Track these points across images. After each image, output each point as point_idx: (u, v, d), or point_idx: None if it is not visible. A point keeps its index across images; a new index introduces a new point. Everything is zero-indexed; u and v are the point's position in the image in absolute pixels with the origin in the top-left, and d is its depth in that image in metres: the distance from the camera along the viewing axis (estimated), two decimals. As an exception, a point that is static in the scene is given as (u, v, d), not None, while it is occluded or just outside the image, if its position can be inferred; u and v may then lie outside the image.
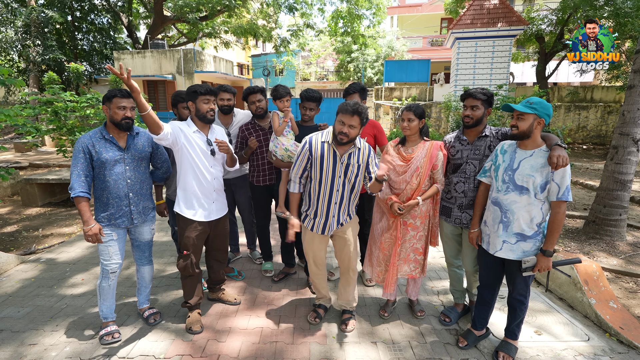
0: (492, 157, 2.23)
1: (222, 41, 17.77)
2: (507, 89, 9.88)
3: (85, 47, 17.05)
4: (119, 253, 2.43)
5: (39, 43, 14.04)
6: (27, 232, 4.85)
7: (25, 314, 2.76)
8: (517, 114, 2.01)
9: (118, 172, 2.33)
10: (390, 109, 14.61)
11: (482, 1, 12.25)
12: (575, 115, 12.97)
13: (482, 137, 2.39)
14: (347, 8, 15.60)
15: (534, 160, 2.02)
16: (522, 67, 19.40)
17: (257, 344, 2.42)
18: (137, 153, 2.42)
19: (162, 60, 14.91)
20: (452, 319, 2.67)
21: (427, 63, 15.89)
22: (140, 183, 2.45)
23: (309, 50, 26.29)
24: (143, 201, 2.48)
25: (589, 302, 2.76)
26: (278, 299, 3.01)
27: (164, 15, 15.38)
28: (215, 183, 2.58)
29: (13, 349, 2.35)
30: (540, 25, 12.02)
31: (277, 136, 2.90)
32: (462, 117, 2.40)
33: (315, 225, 2.45)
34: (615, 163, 4.29)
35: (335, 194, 2.35)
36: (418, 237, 2.56)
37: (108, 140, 2.32)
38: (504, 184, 2.09)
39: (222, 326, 2.62)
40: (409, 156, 2.48)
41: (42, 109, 6.38)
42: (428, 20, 22.52)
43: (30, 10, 13.53)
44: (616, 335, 2.51)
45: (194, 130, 2.48)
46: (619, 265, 3.77)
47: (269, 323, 2.66)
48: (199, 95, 2.41)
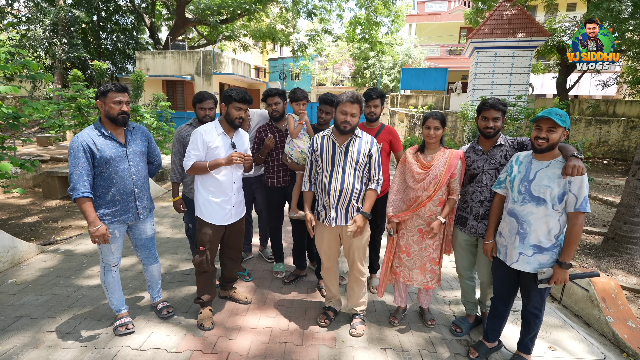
0: (507, 168, 2.22)
1: (241, 44, 18.04)
2: (526, 100, 9.74)
3: (108, 47, 17.53)
4: (120, 249, 2.47)
5: (65, 41, 14.50)
6: (47, 223, 4.99)
7: (44, 302, 2.84)
8: (549, 127, 1.96)
9: (123, 168, 2.32)
10: (406, 116, 14.53)
11: (502, 11, 12.14)
12: (596, 130, 12.67)
13: (497, 147, 2.40)
14: (366, 15, 15.65)
15: (551, 170, 2.00)
16: (542, 78, 19.09)
17: (267, 344, 2.43)
18: (138, 148, 2.43)
19: (181, 61, 15.21)
20: (464, 330, 2.63)
21: (445, 72, 15.79)
22: (144, 178, 2.48)
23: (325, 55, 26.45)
24: (146, 196, 2.51)
25: (606, 320, 2.70)
26: (288, 300, 3.01)
27: (185, 17, 15.72)
28: (234, 187, 2.61)
29: (32, 334, 2.42)
30: (562, 37, 11.83)
31: (293, 139, 2.94)
32: (483, 129, 2.38)
33: (322, 216, 2.50)
34: (637, 179, 4.18)
35: (334, 182, 2.38)
36: (435, 246, 2.53)
37: (108, 137, 2.28)
38: (520, 195, 2.07)
39: (232, 324, 2.64)
40: (428, 164, 2.45)
41: (66, 104, 6.60)
42: (447, 29, 22.42)
43: (59, 10, 14.01)
44: (634, 355, 2.44)
45: (219, 132, 2.51)
46: (638, 284, 3.67)
47: (279, 323, 2.67)
48: (233, 101, 2.43)
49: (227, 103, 2.46)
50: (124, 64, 17.97)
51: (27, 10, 15.97)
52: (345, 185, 2.38)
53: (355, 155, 2.38)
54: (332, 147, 2.41)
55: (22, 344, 2.32)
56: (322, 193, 2.46)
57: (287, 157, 2.99)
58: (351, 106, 2.30)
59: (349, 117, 2.30)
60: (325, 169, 2.43)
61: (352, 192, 2.40)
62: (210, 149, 2.45)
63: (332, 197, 2.39)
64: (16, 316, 2.63)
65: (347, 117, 2.30)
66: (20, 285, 3.11)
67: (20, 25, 16.02)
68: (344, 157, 2.38)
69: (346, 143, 2.38)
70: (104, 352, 2.28)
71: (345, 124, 2.30)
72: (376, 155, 2.44)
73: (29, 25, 15.52)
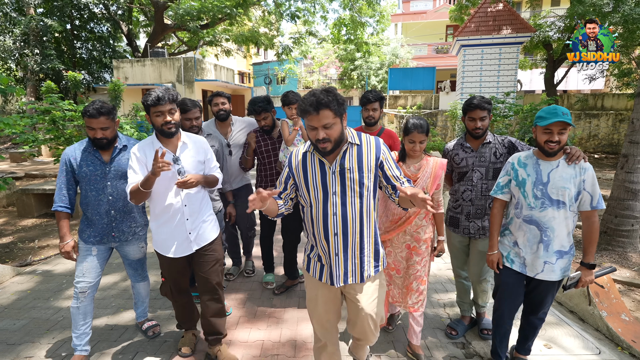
0: (508, 172, 2.07)
1: (223, 49, 17.58)
2: (514, 97, 9.57)
3: (84, 56, 16.88)
4: (94, 271, 2.23)
5: (37, 52, 13.86)
6: (23, 243, 4.69)
7: (21, 327, 2.69)
8: (560, 129, 1.84)
9: (99, 187, 2.18)
10: (395, 117, 14.31)
11: (487, 8, 12.01)
12: (586, 124, 12.64)
13: (485, 144, 2.37)
14: (350, 15, 15.41)
15: (563, 171, 1.91)
16: (531, 74, 19.15)
17: (258, 357, 2.34)
18: (121, 168, 2.20)
19: (161, 68, 14.69)
20: (459, 332, 2.57)
21: (433, 71, 15.63)
22: (124, 200, 2.23)
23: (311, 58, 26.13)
24: (128, 219, 2.28)
25: (600, 315, 2.66)
26: (280, 312, 2.88)
27: (164, 23, 15.21)
28: (187, 211, 2.11)
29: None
30: (547, 32, 11.76)
31: (288, 146, 2.78)
32: (472, 129, 2.34)
33: (316, 269, 1.75)
34: (625, 172, 4.14)
35: (332, 220, 1.63)
36: (423, 263, 2.29)
37: (91, 153, 2.18)
38: (538, 200, 1.93)
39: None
40: (414, 175, 2.24)
41: (40, 118, 6.12)
42: (433, 27, 22.36)
43: (30, 19, 13.37)
44: (628, 348, 2.40)
45: (156, 147, 2.01)
46: (631, 277, 3.61)
47: (270, 336, 2.56)
48: (149, 108, 1.98)
49: (147, 112, 2.02)
50: (101, 74, 17.33)
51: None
52: (350, 224, 1.63)
53: (357, 174, 1.62)
54: (319, 167, 1.65)
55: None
56: (317, 237, 1.70)
57: (282, 165, 2.87)
58: (317, 117, 1.51)
59: (321, 132, 1.52)
60: (314, 201, 1.66)
61: (361, 231, 1.66)
62: (149, 166, 2.00)
63: (334, 244, 1.65)
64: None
65: (319, 134, 1.52)
66: (-4, 309, 2.82)
67: (-11, 37, 15.27)
68: (340, 179, 1.62)
69: (339, 159, 1.62)
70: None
71: (322, 143, 1.54)
72: (389, 159, 1.69)
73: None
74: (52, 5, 14.81)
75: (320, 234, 1.66)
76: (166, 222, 2.11)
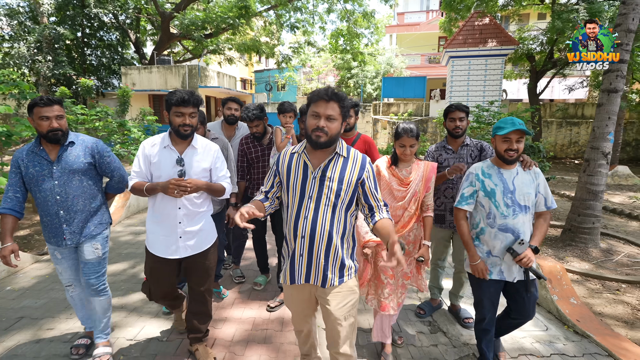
0: (473, 183, 2.12)
1: (226, 57, 18.40)
2: (498, 105, 10.28)
3: (93, 62, 17.67)
4: (69, 271, 2.29)
5: (50, 59, 14.63)
6: (39, 235, 5.15)
7: (42, 305, 3.06)
8: (518, 137, 1.98)
9: (46, 187, 2.08)
10: (388, 123, 15.04)
11: (474, 22, 12.80)
12: (567, 131, 13.34)
13: (463, 146, 2.69)
14: (347, 27, 16.22)
15: (523, 177, 2.07)
16: (518, 84, 19.90)
17: (250, 331, 2.71)
18: (68, 166, 2.11)
19: (167, 75, 15.46)
20: (427, 312, 2.96)
21: (424, 80, 16.41)
22: (73, 199, 2.13)
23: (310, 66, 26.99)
24: (78, 219, 2.16)
25: (552, 298, 3.03)
26: (270, 294, 3.29)
27: (170, 32, 16.02)
28: (180, 214, 2.09)
29: (33, 332, 2.65)
30: (530, 45, 12.51)
31: (279, 152, 2.87)
32: (452, 129, 2.63)
33: (285, 270, 1.79)
34: (587, 175, 4.61)
35: (302, 222, 1.67)
36: (409, 261, 2.36)
37: (37, 153, 2.10)
38: (509, 208, 2.03)
39: (218, 316, 2.91)
40: (406, 179, 2.27)
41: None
42: (426, 38, 23.21)
43: (44, 28, 14.17)
44: (573, 327, 2.79)
45: (165, 144, 2.08)
46: (589, 269, 4.06)
47: (261, 314, 2.95)
48: (171, 106, 2.02)
49: (167, 110, 2.04)
50: (110, 79, 18.11)
51: (10, 29, 16.06)
52: (319, 229, 1.66)
53: (335, 185, 1.65)
54: (302, 169, 1.69)
55: (25, 340, 2.56)
56: (287, 237, 1.77)
57: None
58: (326, 105, 1.60)
59: (322, 120, 1.59)
60: (291, 202, 1.72)
61: (329, 240, 1.68)
62: (153, 164, 2.07)
63: (300, 245, 1.70)
64: (17, 317, 2.85)
65: (320, 122, 1.59)
66: (18, 291, 3.31)
67: (4, 44, 16.08)
68: (319, 185, 1.66)
69: (323, 166, 1.67)
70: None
71: (319, 132, 1.60)
72: (371, 181, 1.73)
73: (13, 43, 15.60)
74: (64, 15, 15.63)
75: (290, 233, 1.73)
76: (160, 221, 2.11)
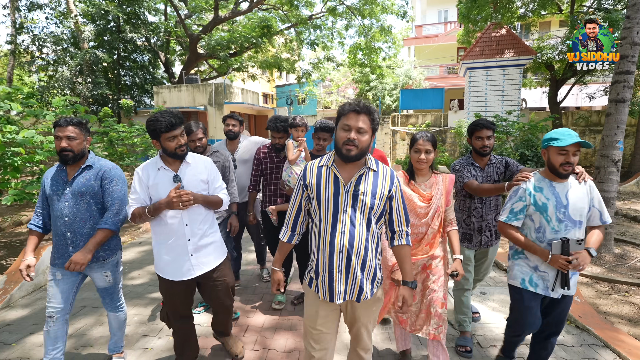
0: (523, 198, 2.01)
1: (249, 75, 19.29)
2: (517, 115, 10.39)
3: (127, 82, 18.94)
4: (60, 296, 2.14)
5: (90, 80, 15.86)
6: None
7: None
8: (575, 150, 1.88)
9: (58, 207, 2.11)
10: (407, 134, 15.30)
11: (490, 33, 13.01)
12: (591, 139, 13.16)
13: (490, 164, 2.58)
14: (365, 41, 16.73)
15: (577, 190, 1.97)
16: (539, 92, 19.75)
17: (277, 320, 3.11)
18: (78, 188, 2.11)
19: (195, 93, 16.40)
20: (472, 348, 2.55)
21: (441, 91, 16.63)
22: (80, 222, 2.12)
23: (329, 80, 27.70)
24: (85, 243, 2.10)
25: None
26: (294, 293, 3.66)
27: (197, 52, 17.03)
28: (188, 230, 2.08)
29: (96, 317, 3.15)
30: (549, 54, 12.57)
31: (291, 165, 2.95)
32: (479, 148, 2.49)
33: (319, 286, 1.74)
34: (598, 182, 4.77)
35: (339, 237, 1.65)
36: (440, 282, 2.13)
37: (58, 173, 2.16)
38: (561, 223, 1.94)
39: (250, 307, 3.32)
40: (428, 195, 2.14)
41: (99, 138, 7.56)
42: (444, 49, 23.44)
43: (85, 53, 15.43)
44: (574, 322, 3.01)
45: (159, 166, 2.08)
46: (600, 272, 4.22)
47: (287, 307, 3.33)
48: (160, 134, 1.99)
49: (157, 139, 2.02)
50: (142, 98, 19.32)
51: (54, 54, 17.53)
52: (356, 244, 1.65)
53: (369, 199, 1.66)
54: (334, 183, 1.68)
55: (90, 323, 3.04)
56: (321, 252, 1.71)
57: (285, 184, 3.02)
58: (357, 118, 1.61)
59: (353, 133, 1.61)
60: (324, 217, 1.69)
61: (365, 252, 1.68)
62: (151, 187, 2.06)
63: (338, 261, 1.67)
64: (81, 306, 3.35)
65: (351, 134, 1.60)
66: (78, 286, 3.84)
67: (49, 68, 17.54)
68: (352, 200, 1.66)
69: (355, 180, 1.67)
70: (152, 326, 2.99)
71: (350, 144, 1.60)
72: (399, 196, 1.74)
73: (57, 67, 17.00)
74: (102, 40, 16.97)
75: (326, 250, 1.68)
76: (166, 242, 2.06)
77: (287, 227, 1.83)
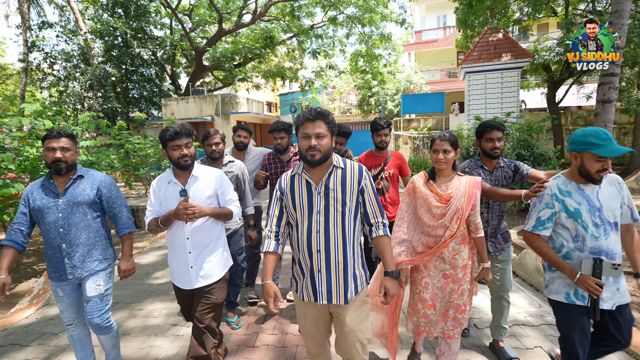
0: (550, 204, 1.87)
1: (254, 84, 19.78)
2: (516, 116, 10.65)
3: (135, 96, 19.50)
4: (71, 308, 2.24)
5: (100, 95, 16.41)
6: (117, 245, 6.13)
7: (130, 294, 3.92)
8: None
9: (51, 220, 2.11)
10: (409, 138, 15.61)
11: (487, 38, 13.36)
12: (590, 138, 13.36)
13: (499, 167, 2.44)
14: (366, 48, 17.14)
15: (607, 190, 1.83)
16: (539, 93, 19.99)
17: (293, 309, 3.40)
18: (73, 198, 2.14)
19: (202, 104, 16.88)
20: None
21: (442, 95, 16.96)
22: (75, 232, 2.14)
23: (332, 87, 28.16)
24: (80, 252, 2.15)
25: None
26: None
27: (203, 64, 17.54)
28: (188, 244, 2.14)
29: (128, 311, 3.48)
30: (546, 56, 12.87)
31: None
32: (489, 150, 2.36)
33: (303, 289, 1.80)
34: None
35: (315, 237, 1.72)
36: (460, 291, 2.11)
37: (46, 186, 2.16)
38: (599, 228, 1.78)
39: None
40: (447, 195, 2.07)
41: (115, 150, 7.98)
42: (444, 54, 23.81)
43: (95, 68, 15.99)
44: None
45: (169, 180, 2.18)
46: None
47: None
48: (166, 142, 2.09)
49: (164, 147, 2.13)
50: (150, 110, 19.87)
51: (65, 70, 18.14)
52: (332, 241, 1.72)
53: (340, 195, 1.73)
54: (306, 188, 1.77)
55: (124, 317, 3.37)
56: (301, 254, 1.78)
57: None
58: (313, 125, 1.69)
59: (313, 140, 1.68)
60: (300, 220, 1.76)
61: (344, 250, 1.73)
62: (162, 199, 2.17)
63: (317, 261, 1.72)
64: (114, 302, 3.68)
65: (311, 142, 1.68)
66: (108, 286, 4.18)
67: (60, 83, 18.14)
68: (325, 200, 1.73)
69: (324, 180, 1.75)
70: (180, 317, 3.29)
71: (312, 151, 1.68)
72: (369, 189, 1.79)
73: (67, 83, 17.59)
74: (110, 55, 17.56)
75: (304, 251, 1.74)
76: (173, 251, 2.21)
77: (269, 238, 1.84)
